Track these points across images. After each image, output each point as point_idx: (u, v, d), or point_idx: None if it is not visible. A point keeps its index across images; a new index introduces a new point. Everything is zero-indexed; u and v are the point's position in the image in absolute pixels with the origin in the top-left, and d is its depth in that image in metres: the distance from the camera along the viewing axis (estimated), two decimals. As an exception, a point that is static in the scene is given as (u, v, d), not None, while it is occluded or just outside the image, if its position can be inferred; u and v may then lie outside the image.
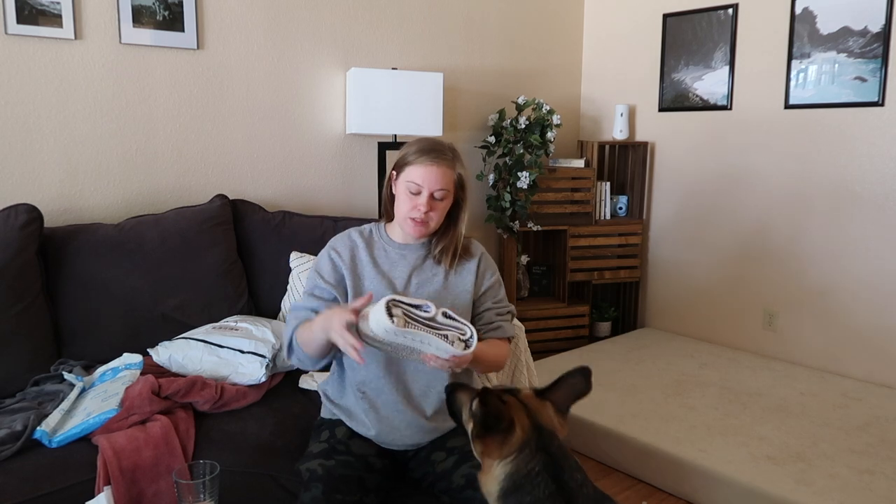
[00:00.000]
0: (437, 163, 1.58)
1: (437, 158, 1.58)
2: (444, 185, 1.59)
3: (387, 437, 1.63)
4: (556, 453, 1.20)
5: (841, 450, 2.45)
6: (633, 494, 2.46)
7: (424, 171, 1.57)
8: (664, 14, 3.77)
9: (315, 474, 1.51)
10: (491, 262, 1.75)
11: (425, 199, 1.58)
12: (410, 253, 1.68)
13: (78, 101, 2.44)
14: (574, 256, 3.80)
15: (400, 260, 1.67)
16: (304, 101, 3.00)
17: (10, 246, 2.01)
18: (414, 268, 1.66)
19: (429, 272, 1.67)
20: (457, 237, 1.67)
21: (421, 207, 1.58)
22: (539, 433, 1.22)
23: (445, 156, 1.60)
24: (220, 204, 2.51)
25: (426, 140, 1.64)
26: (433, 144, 1.62)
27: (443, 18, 3.45)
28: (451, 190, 1.62)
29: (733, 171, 3.58)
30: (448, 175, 1.60)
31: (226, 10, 2.73)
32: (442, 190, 1.59)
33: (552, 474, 1.17)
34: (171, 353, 2.02)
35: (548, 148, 3.51)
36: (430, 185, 1.57)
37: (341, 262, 1.65)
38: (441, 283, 1.66)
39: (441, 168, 1.58)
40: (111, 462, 1.58)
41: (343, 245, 1.68)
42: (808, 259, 3.34)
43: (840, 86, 3.13)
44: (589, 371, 1.29)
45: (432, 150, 1.60)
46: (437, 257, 1.67)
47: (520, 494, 1.16)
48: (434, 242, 1.69)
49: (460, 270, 1.69)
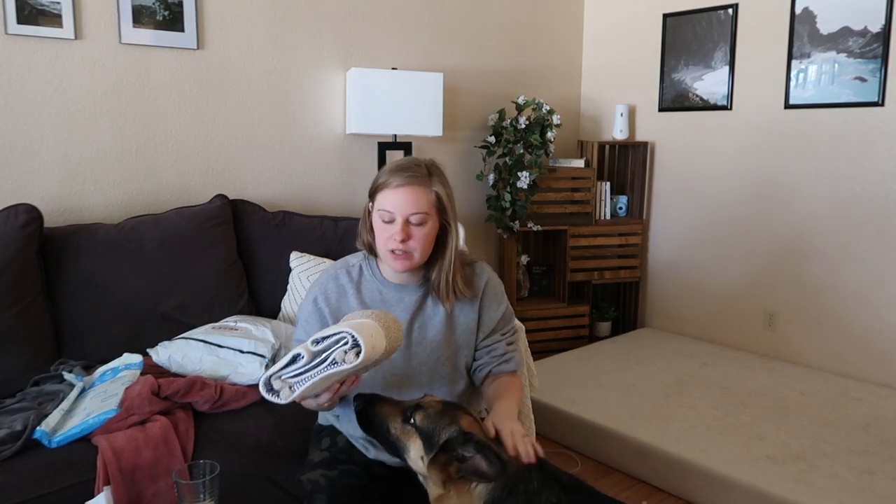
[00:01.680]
0: (408, 183, 1.39)
1: (409, 178, 1.39)
2: (418, 209, 1.39)
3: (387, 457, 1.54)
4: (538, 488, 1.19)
5: (841, 450, 2.45)
6: (633, 494, 2.46)
7: (394, 196, 1.39)
8: (664, 14, 3.77)
9: (318, 485, 1.46)
10: (496, 291, 1.57)
11: (399, 227, 1.38)
12: (408, 295, 1.49)
13: (78, 101, 2.44)
14: (574, 256, 3.80)
15: (397, 304, 1.49)
16: (304, 101, 3.00)
17: (10, 246, 2.01)
18: (414, 312, 1.49)
19: (430, 312, 1.50)
20: (446, 267, 1.46)
21: (396, 237, 1.38)
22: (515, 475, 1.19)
23: (418, 174, 1.40)
24: (220, 204, 2.51)
25: (400, 159, 1.47)
26: (405, 162, 1.44)
27: (443, 18, 3.45)
28: (431, 213, 1.41)
29: (733, 171, 3.58)
30: (423, 196, 1.40)
31: (226, 10, 2.73)
32: (418, 214, 1.39)
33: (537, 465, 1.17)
34: (170, 353, 2.02)
35: (548, 148, 3.51)
36: (403, 210, 1.38)
37: (328, 311, 1.48)
38: (443, 323, 1.50)
39: (413, 189, 1.39)
40: (111, 462, 1.58)
41: (330, 291, 1.49)
42: (808, 259, 3.34)
43: (840, 86, 3.13)
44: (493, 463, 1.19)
45: (402, 169, 1.41)
46: (437, 292, 1.48)
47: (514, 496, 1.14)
48: (431, 276, 1.49)
49: (463, 306, 1.52)
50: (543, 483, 1.15)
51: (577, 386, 3.04)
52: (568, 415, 2.77)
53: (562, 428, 2.80)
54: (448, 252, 1.46)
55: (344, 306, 1.48)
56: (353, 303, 1.48)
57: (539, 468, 1.17)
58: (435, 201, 1.43)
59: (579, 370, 3.24)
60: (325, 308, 1.48)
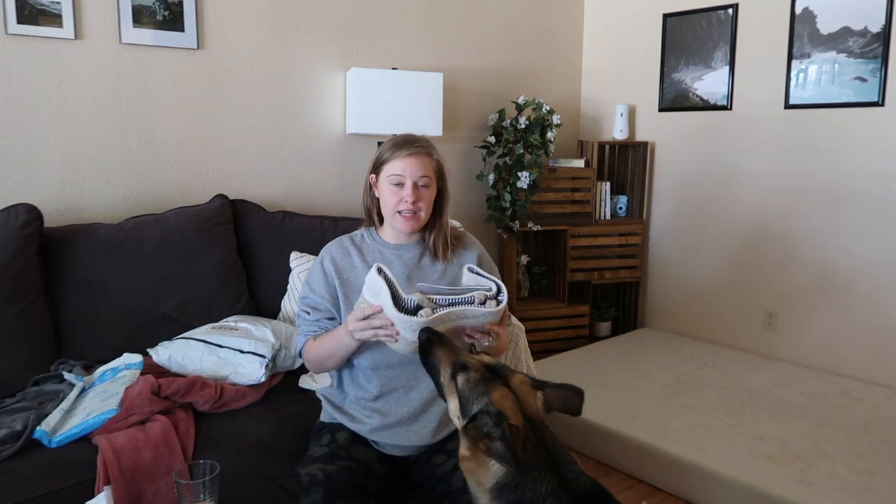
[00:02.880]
0: (416, 152, 1.60)
1: (414, 149, 1.61)
2: (425, 173, 1.60)
3: (392, 440, 1.61)
4: (552, 447, 1.17)
5: (841, 450, 2.45)
6: (633, 494, 2.46)
7: (404, 163, 1.59)
8: (664, 14, 3.77)
9: (315, 479, 1.49)
10: (474, 243, 1.77)
11: (410, 190, 1.59)
12: (406, 252, 1.68)
13: (78, 101, 2.44)
14: (574, 256, 3.80)
15: (395, 260, 1.66)
16: (304, 101, 3.00)
17: (10, 246, 2.01)
18: (411, 267, 1.66)
19: (427, 269, 1.67)
20: (444, 227, 1.69)
21: (408, 198, 1.59)
22: (532, 426, 1.18)
23: (421, 145, 1.63)
24: (220, 204, 2.51)
25: (398, 136, 1.67)
26: (406, 137, 1.65)
27: (443, 18, 3.45)
28: (433, 178, 1.64)
29: (733, 171, 3.58)
30: (427, 163, 1.62)
31: (226, 10, 2.73)
32: (425, 177, 1.61)
33: (553, 468, 1.14)
34: (170, 353, 2.02)
35: (548, 148, 3.51)
36: (413, 173, 1.59)
37: (333, 271, 1.65)
38: (441, 278, 1.66)
39: (420, 157, 1.60)
40: (111, 462, 1.58)
41: (336, 253, 1.68)
42: (808, 259, 3.34)
43: (840, 86, 3.13)
44: (583, 398, 1.28)
45: (407, 143, 1.62)
46: (433, 251, 1.68)
47: (520, 490, 1.13)
48: (428, 237, 1.69)
49: (460, 261, 1.68)
50: (552, 490, 1.13)
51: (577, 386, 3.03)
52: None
53: (562, 428, 2.79)
54: (444, 215, 1.69)
55: (348, 266, 1.66)
56: (357, 262, 1.66)
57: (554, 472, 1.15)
58: (436, 168, 1.65)
59: (579, 370, 3.24)
60: (330, 268, 1.65)
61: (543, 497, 1.12)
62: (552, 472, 1.14)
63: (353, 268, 1.65)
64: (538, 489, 1.13)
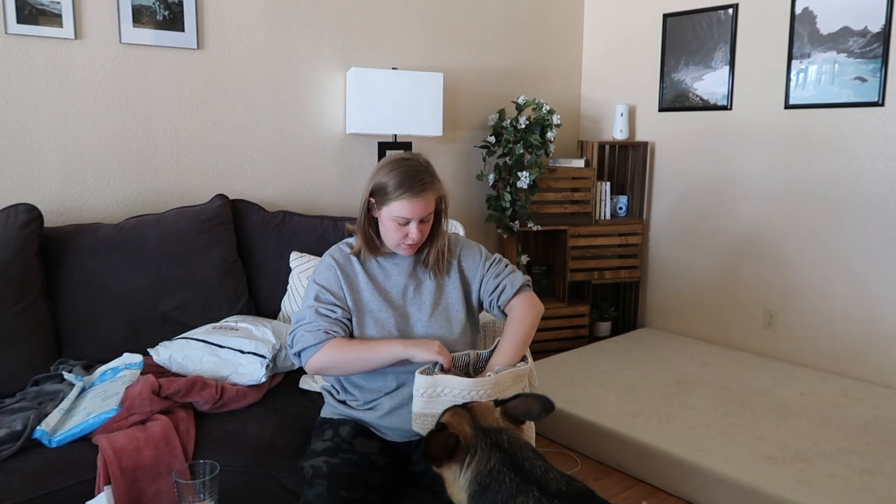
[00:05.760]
0: (421, 192, 1.58)
1: (420, 190, 1.58)
2: (429, 210, 1.62)
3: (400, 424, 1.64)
4: (509, 447, 1.24)
5: (841, 450, 2.45)
6: (633, 494, 2.46)
7: (411, 206, 1.58)
8: (664, 14, 3.77)
9: (319, 471, 1.52)
10: (469, 248, 1.78)
11: (415, 227, 1.61)
12: (402, 260, 1.73)
13: (78, 101, 2.44)
14: (574, 256, 3.80)
15: (393, 269, 1.72)
16: (304, 101, 3.00)
17: (10, 246, 2.01)
18: (408, 275, 1.71)
19: (422, 277, 1.72)
20: (441, 241, 1.71)
21: (413, 235, 1.61)
22: (484, 433, 1.26)
23: (426, 183, 1.60)
24: (220, 204, 2.51)
25: (401, 168, 1.60)
26: (411, 173, 1.59)
27: (443, 18, 3.45)
28: (435, 208, 1.66)
29: (733, 171, 3.58)
30: (432, 200, 1.63)
31: (226, 10, 2.73)
32: (429, 214, 1.63)
33: (512, 466, 1.20)
34: (171, 353, 2.02)
35: (548, 148, 3.51)
36: (418, 215, 1.60)
37: (340, 273, 1.69)
38: (434, 288, 1.71)
39: (426, 198, 1.60)
40: (111, 462, 1.58)
41: (338, 258, 1.71)
42: (808, 259, 3.34)
43: (840, 86, 3.13)
44: (551, 406, 1.32)
45: (413, 182, 1.58)
46: (426, 262, 1.72)
47: (490, 494, 1.18)
48: (425, 252, 1.72)
49: (450, 271, 1.74)
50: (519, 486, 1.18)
51: (577, 386, 3.04)
52: (568, 415, 2.77)
53: (562, 428, 2.80)
54: (441, 232, 1.71)
55: (350, 270, 1.70)
56: (357, 269, 1.70)
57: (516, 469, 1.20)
58: (438, 200, 1.67)
59: (579, 370, 3.24)
60: (337, 271, 1.68)
61: (513, 495, 1.17)
62: (512, 470, 1.20)
63: (355, 272, 1.70)
64: (504, 489, 1.18)
